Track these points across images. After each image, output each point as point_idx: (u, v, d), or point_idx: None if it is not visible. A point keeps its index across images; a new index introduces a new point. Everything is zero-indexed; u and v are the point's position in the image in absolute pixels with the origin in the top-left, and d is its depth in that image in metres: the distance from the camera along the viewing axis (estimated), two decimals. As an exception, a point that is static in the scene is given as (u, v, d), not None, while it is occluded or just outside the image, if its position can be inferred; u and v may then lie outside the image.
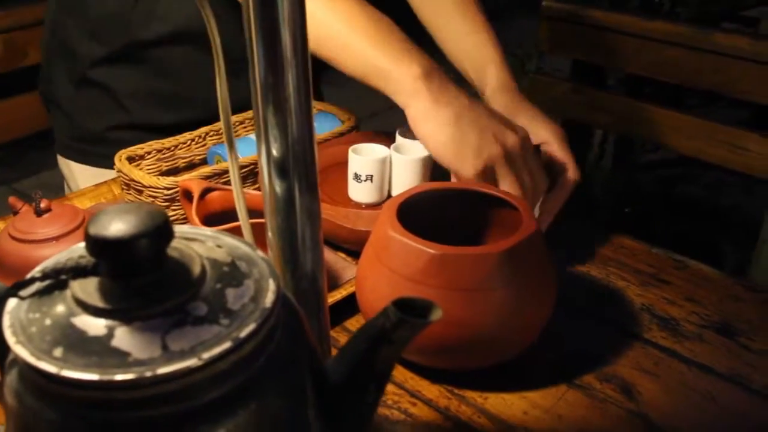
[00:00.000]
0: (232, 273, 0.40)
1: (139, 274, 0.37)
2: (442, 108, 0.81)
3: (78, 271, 0.38)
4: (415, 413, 0.68)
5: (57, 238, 0.76)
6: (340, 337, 0.77)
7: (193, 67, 1.14)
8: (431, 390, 0.71)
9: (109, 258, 0.37)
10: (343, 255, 0.88)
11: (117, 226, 0.36)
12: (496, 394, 0.70)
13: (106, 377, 0.34)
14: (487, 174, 0.80)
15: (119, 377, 0.34)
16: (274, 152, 0.49)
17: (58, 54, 1.18)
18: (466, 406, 0.69)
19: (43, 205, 0.77)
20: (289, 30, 0.46)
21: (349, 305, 0.77)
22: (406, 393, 0.71)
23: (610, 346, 0.77)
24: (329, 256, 0.87)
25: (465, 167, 0.80)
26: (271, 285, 0.40)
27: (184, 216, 0.92)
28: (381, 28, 0.86)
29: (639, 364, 0.75)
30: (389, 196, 0.94)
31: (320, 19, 0.84)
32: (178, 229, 0.42)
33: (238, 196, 0.53)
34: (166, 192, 0.90)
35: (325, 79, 1.39)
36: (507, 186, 0.80)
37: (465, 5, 1.05)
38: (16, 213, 0.82)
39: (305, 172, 0.50)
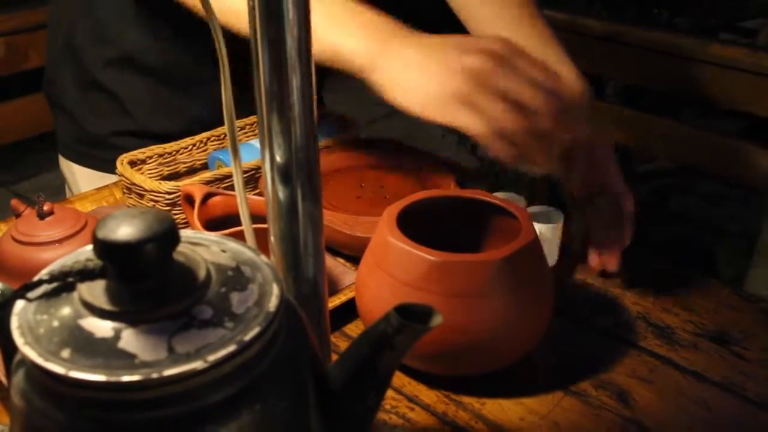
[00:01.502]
0: (236, 277, 0.41)
1: (146, 278, 0.38)
2: (408, 70, 0.74)
3: (85, 274, 0.39)
4: (412, 418, 0.69)
5: (59, 241, 0.76)
6: (339, 342, 0.78)
7: (197, 79, 1.15)
8: (429, 395, 0.72)
9: (116, 261, 0.38)
10: (342, 260, 0.88)
11: (125, 230, 0.37)
12: (494, 399, 0.71)
13: (113, 378, 0.34)
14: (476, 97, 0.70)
15: (126, 378, 0.34)
16: (278, 158, 0.50)
17: (65, 56, 1.18)
18: (463, 411, 0.70)
19: (45, 207, 0.78)
20: (294, 37, 0.46)
21: (348, 311, 0.78)
22: (404, 398, 0.71)
23: (606, 353, 0.78)
24: (328, 261, 0.87)
25: (440, 90, 0.71)
26: (275, 289, 0.40)
27: (185, 220, 0.92)
28: (334, 4, 0.79)
29: (634, 371, 0.75)
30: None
31: None
32: (184, 233, 0.43)
33: (242, 201, 0.54)
34: (167, 196, 0.91)
35: (326, 86, 1.40)
36: (501, 105, 0.69)
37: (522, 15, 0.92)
38: (18, 215, 0.82)
39: (308, 178, 0.50)
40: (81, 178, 1.21)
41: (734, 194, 2.28)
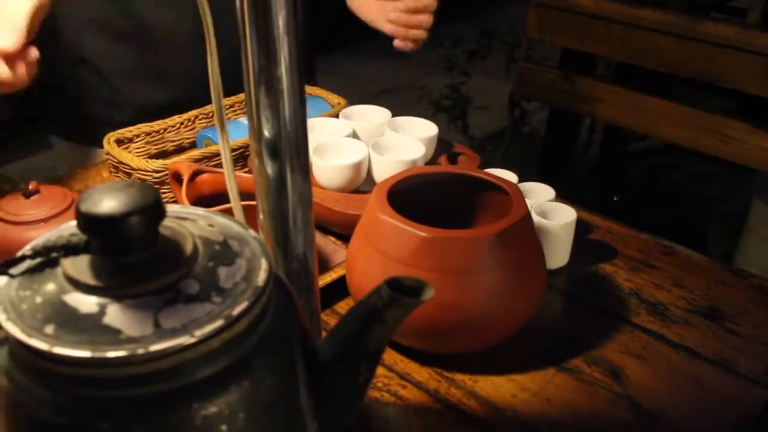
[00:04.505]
0: (224, 252, 0.40)
1: (131, 252, 0.37)
2: None
3: (69, 249, 0.38)
4: (405, 396, 0.69)
5: (45, 220, 0.75)
6: (329, 319, 0.77)
7: (173, 40, 1.13)
8: (421, 373, 0.71)
9: (100, 235, 0.37)
10: (333, 239, 0.88)
11: (108, 204, 0.36)
12: (486, 377, 0.71)
13: (98, 354, 0.33)
14: None
15: (111, 354, 0.33)
16: (266, 133, 0.49)
17: (47, 34, 1.17)
18: (455, 388, 0.69)
19: (31, 186, 0.77)
20: (283, 10, 0.45)
21: (339, 288, 0.77)
22: (396, 375, 0.71)
23: (599, 330, 0.78)
24: (319, 239, 0.87)
25: None
26: (263, 264, 0.40)
27: (174, 199, 0.91)
28: None
29: (627, 348, 0.75)
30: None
31: None
32: (171, 208, 0.42)
33: (230, 178, 0.53)
34: (155, 175, 0.90)
35: (317, 66, 1.39)
36: None
37: None
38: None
39: (297, 153, 0.50)
40: (73, 154, 1.20)
41: (724, 172, 2.28)
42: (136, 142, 1.01)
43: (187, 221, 0.42)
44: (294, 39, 0.47)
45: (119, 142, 0.98)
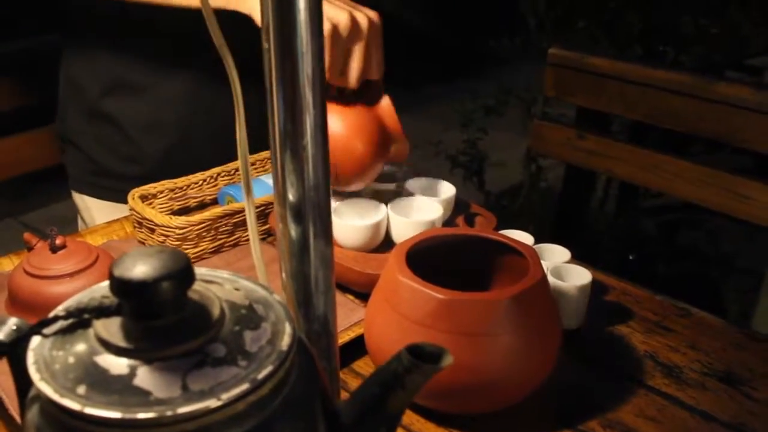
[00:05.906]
0: (249, 316, 0.41)
1: (161, 316, 0.39)
2: None
3: (101, 311, 0.40)
4: (420, 456, 0.69)
5: (71, 275, 0.77)
6: (347, 378, 0.78)
7: (194, 95, 1.16)
8: (437, 433, 0.72)
9: (132, 299, 0.39)
10: (351, 297, 0.89)
11: (141, 269, 0.38)
12: (501, 438, 0.71)
13: (128, 415, 0.35)
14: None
15: (141, 416, 0.35)
16: (291, 197, 0.50)
17: (69, 90, 1.20)
18: (471, 449, 0.70)
19: (58, 241, 0.79)
20: (309, 80, 0.47)
21: (357, 347, 0.78)
22: (412, 435, 0.71)
23: (614, 392, 0.78)
24: (338, 298, 0.88)
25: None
26: (287, 328, 0.41)
27: (198, 255, 0.93)
28: None
29: (642, 410, 0.75)
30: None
31: None
32: (198, 271, 0.44)
33: (254, 238, 0.55)
34: (177, 231, 0.92)
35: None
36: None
37: None
38: (30, 249, 0.83)
39: (320, 218, 0.51)
40: (95, 209, 1.23)
41: (741, 230, 2.28)
42: (160, 198, 1.03)
43: (214, 285, 0.44)
44: (320, 108, 0.49)
45: (143, 197, 1.00)
